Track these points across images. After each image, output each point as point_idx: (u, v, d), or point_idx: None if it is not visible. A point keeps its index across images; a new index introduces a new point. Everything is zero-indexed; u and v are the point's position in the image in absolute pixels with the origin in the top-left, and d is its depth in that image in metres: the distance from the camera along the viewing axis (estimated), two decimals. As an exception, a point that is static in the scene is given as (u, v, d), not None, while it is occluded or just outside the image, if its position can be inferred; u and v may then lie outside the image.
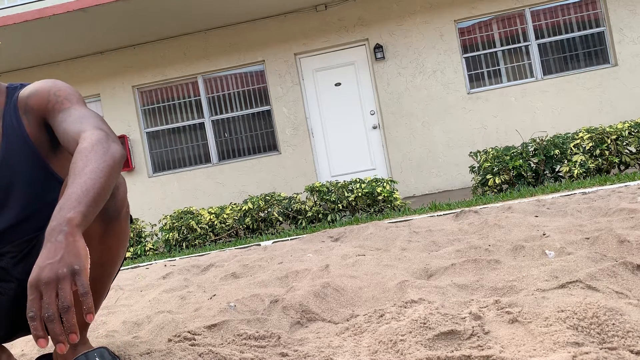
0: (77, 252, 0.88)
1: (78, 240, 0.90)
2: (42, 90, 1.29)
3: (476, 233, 2.68)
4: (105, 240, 1.21)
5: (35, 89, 1.30)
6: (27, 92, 1.31)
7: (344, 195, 5.22)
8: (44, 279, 0.84)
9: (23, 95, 1.32)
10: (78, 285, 0.85)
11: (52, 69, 7.92)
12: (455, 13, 7.46)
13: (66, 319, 0.82)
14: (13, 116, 1.30)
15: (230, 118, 7.85)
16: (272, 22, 7.69)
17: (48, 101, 1.28)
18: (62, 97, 1.27)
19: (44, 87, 1.30)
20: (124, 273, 3.68)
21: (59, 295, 0.83)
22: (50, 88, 1.29)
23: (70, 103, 1.26)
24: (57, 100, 1.27)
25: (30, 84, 1.35)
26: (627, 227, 2.12)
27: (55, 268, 0.85)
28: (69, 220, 0.91)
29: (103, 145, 1.07)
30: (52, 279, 0.84)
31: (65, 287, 0.84)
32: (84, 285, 0.85)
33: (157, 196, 7.81)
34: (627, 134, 4.87)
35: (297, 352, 1.28)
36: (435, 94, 7.47)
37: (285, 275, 2.29)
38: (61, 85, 1.30)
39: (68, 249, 0.87)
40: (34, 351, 1.72)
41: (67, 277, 0.85)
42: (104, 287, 1.28)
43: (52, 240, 0.89)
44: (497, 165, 5.06)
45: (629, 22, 7.25)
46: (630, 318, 1.09)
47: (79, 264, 0.86)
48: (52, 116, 1.26)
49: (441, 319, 1.23)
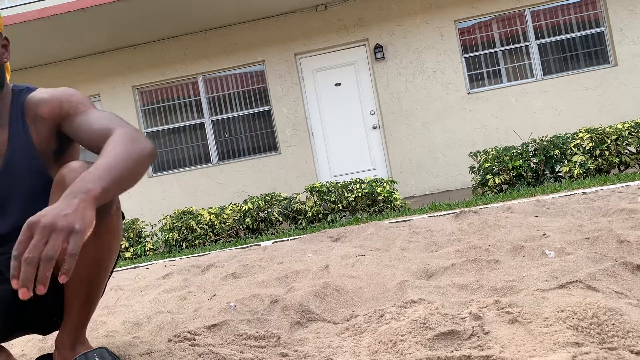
0: (83, 217, 0.88)
1: (89, 209, 0.90)
2: (52, 98, 1.31)
3: (476, 233, 2.68)
4: (99, 237, 1.21)
5: (44, 98, 1.31)
6: (35, 100, 1.32)
7: (344, 195, 5.22)
8: (41, 222, 0.85)
9: (31, 103, 1.32)
10: (70, 244, 0.84)
11: (52, 69, 7.92)
12: (455, 13, 7.46)
13: (43, 269, 0.82)
14: (20, 123, 1.31)
15: (230, 118, 7.85)
16: (272, 22, 7.69)
17: (61, 108, 1.30)
18: (76, 102, 1.30)
19: (53, 95, 1.31)
20: (124, 273, 3.68)
21: (47, 244, 0.83)
22: (60, 95, 1.31)
23: (85, 107, 1.29)
24: (71, 105, 1.29)
25: (37, 91, 1.35)
26: (627, 227, 2.12)
27: (56, 219, 0.86)
28: (88, 190, 0.93)
29: (133, 137, 1.11)
30: (48, 226, 0.84)
31: (57, 238, 0.84)
32: (75, 247, 0.84)
33: (157, 196, 7.81)
34: (627, 134, 4.87)
35: (297, 352, 1.28)
36: (435, 94, 7.47)
37: (285, 276, 2.29)
38: (72, 91, 1.32)
39: (77, 211, 0.88)
40: (34, 351, 1.72)
41: (63, 230, 0.85)
42: (100, 283, 1.29)
43: (65, 200, 0.90)
44: (497, 166, 5.06)
45: (629, 22, 7.25)
46: (630, 318, 1.09)
47: (80, 226, 0.87)
48: (68, 121, 1.28)
49: (441, 319, 1.23)
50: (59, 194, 1.19)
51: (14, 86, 1.37)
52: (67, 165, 1.19)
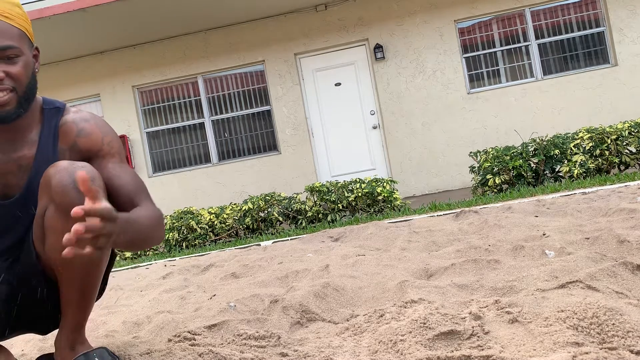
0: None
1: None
2: (95, 135, 1.34)
3: (476, 233, 2.68)
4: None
5: (88, 132, 1.33)
6: (77, 128, 1.33)
7: (344, 195, 5.22)
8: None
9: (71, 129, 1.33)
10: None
11: (52, 69, 7.92)
12: (455, 13, 7.46)
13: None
14: (51, 144, 1.31)
15: (230, 118, 7.85)
16: (272, 22, 7.69)
17: (101, 149, 1.33)
18: (115, 149, 1.35)
19: (96, 131, 1.34)
20: (124, 273, 3.68)
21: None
22: (104, 136, 1.35)
23: (120, 158, 1.35)
24: (110, 151, 1.34)
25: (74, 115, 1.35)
26: (627, 227, 2.12)
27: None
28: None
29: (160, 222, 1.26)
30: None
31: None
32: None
33: (157, 196, 7.81)
34: (627, 134, 4.87)
35: (297, 352, 1.28)
36: (435, 94, 7.47)
37: (285, 275, 2.29)
38: (113, 135, 1.37)
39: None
40: (34, 351, 1.72)
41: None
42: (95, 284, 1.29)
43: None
44: (497, 165, 5.06)
45: (629, 22, 7.25)
46: (630, 318, 1.09)
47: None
48: (100, 162, 1.32)
49: (441, 319, 1.23)
50: (46, 192, 1.19)
51: (44, 100, 1.36)
52: (55, 165, 1.18)
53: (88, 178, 0.88)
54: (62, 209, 1.16)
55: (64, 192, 1.15)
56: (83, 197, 1.16)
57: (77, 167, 1.18)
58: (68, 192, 1.15)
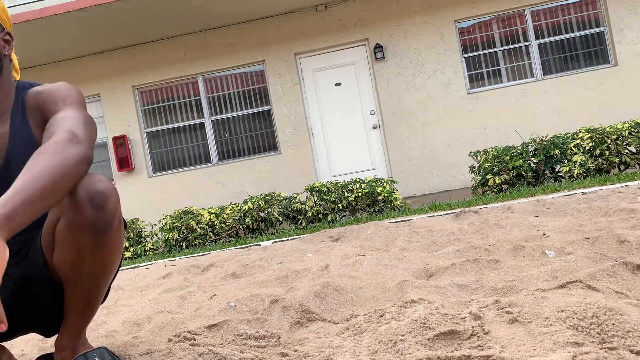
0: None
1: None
2: (45, 91, 1.30)
3: (476, 233, 2.68)
4: (97, 253, 1.17)
5: (38, 91, 1.32)
6: (34, 92, 1.32)
7: (344, 195, 5.22)
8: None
9: (29, 97, 1.33)
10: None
11: (52, 69, 7.92)
12: (455, 13, 7.46)
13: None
14: (20, 117, 1.31)
15: (230, 118, 7.85)
16: (272, 22, 7.69)
17: (46, 102, 1.28)
18: (59, 98, 1.25)
19: (48, 88, 1.31)
20: (124, 273, 3.68)
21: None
22: (49, 90, 1.30)
23: (64, 105, 1.24)
24: (54, 101, 1.26)
25: (38, 87, 1.35)
26: (627, 227, 2.12)
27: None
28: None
29: (58, 148, 1.04)
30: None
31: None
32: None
33: (157, 196, 7.81)
34: (627, 134, 4.87)
35: (297, 352, 1.28)
36: (435, 94, 7.47)
37: (285, 275, 2.29)
38: (63, 87, 1.29)
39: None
40: (34, 351, 1.72)
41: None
42: (99, 293, 1.27)
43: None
44: (497, 165, 5.06)
45: (629, 22, 7.25)
46: (630, 318, 1.09)
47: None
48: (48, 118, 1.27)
49: (441, 319, 1.23)
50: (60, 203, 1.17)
51: (19, 83, 1.37)
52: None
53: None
54: (75, 225, 1.12)
55: (78, 209, 1.11)
56: (98, 214, 1.11)
57: (94, 182, 1.13)
58: (83, 210, 1.11)
